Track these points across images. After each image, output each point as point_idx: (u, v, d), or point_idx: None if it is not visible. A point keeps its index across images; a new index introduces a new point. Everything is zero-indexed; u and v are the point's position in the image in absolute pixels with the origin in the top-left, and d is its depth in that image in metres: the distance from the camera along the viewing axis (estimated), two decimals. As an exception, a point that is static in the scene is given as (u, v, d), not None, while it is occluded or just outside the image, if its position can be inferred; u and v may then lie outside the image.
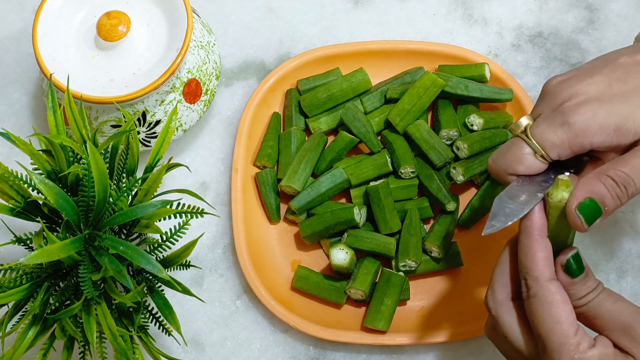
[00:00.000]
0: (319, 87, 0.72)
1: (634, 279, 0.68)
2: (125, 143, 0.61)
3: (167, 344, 0.68)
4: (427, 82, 0.68)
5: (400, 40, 0.75)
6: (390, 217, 0.66)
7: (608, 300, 0.51)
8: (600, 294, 0.51)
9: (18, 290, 0.55)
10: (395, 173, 0.69)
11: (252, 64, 0.77)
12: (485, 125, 0.69)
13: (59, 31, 0.67)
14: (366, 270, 0.66)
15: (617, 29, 0.77)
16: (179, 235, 0.60)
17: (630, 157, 0.50)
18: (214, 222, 0.72)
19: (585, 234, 0.70)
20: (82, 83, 0.65)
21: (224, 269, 0.70)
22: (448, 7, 0.78)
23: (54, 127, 0.59)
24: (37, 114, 0.77)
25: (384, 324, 0.65)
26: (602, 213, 0.49)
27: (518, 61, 0.76)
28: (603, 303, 0.51)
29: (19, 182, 0.57)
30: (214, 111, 0.75)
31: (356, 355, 0.67)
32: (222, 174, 0.73)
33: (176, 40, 0.65)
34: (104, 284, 0.57)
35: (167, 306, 0.59)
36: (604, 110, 0.51)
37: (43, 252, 0.51)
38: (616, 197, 0.50)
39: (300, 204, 0.68)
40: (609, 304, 0.51)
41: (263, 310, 0.69)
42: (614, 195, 0.50)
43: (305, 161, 0.69)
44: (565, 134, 0.51)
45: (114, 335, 0.55)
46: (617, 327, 0.50)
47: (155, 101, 0.67)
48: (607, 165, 0.51)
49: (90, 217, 0.56)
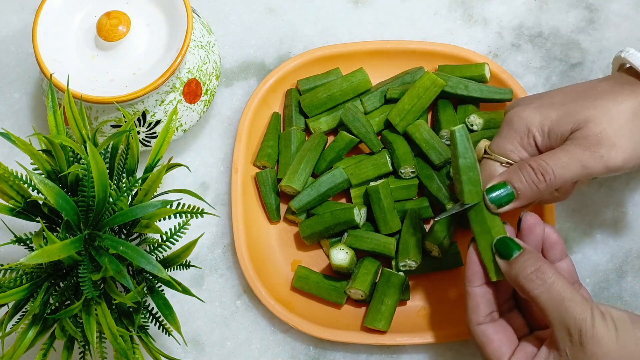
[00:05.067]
0: (319, 87, 0.72)
1: (633, 279, 0.68)
2: (125, 143, 0.61)
3: (167, 344, 0.68)
4: (427, 82, 0.68)
5: (400, 40, 0.75)
6: (390, 217, 0.66)
7: (562, 288, 0.52)
8: (552, 277, 0.53)
9: (18, 290, 0.55)
10: (395, 173, 0.69)
11: (252, 64, 0.77)
12: (485, 125, 0.69)
13: (59, 31, 0.67)
14: (366, 270, 0.66)
15: (617, 29, 0.77)
16: (179, 235, 0.60)
17: (557, 151, 0.56)
18: (214, 222, 0.72)
19: (585, 234, 0.70)
20: (82, 83, 0.65)
21: (224, 269, 0.70)
22: (448, 7, 0.78)
23: (54, 127, 0.59)
24: (37, 114, 0.77)
25: (384, 324, 0.65)
26: (514, 197, 0.55)
27: (518, 61, 0.76)
28: (557, 289, 0.52)
29: (19, 182, 0.57)
30: (214, 111, 0.76)
31: (356, 355, 0.67)
32: (222, 174, 0.73)
33: (176, 40, 0.65)
34: (104, 284, 0.57)
35: (167, 306, 0.59)
36: (538, 114, 0.58)
37: (43, 252, 0.51)
38: (532, 183, 0.55)
39: (300, 204, 0.68)
40: (563, 291, 0.52)
41: (263, 310, 0.69)
42: (528, 181, 0.55)
43: (305, 161, 0.69)
44: (515, 138, 0.58)
45: (114, 335, 0.55)
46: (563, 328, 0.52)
47: (155, 101, 0.67)
48: (535, 157, 0.57)
49: (90, 217, 0.56)
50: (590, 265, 0.69)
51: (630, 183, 0.71)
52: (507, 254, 0.54)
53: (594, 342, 0.50)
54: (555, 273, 0.53)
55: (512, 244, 0.54)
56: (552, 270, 0.53)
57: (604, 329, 0.50)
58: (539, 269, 0.53)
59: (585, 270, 0.69)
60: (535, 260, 0.53)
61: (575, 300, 0.51)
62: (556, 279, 0.52)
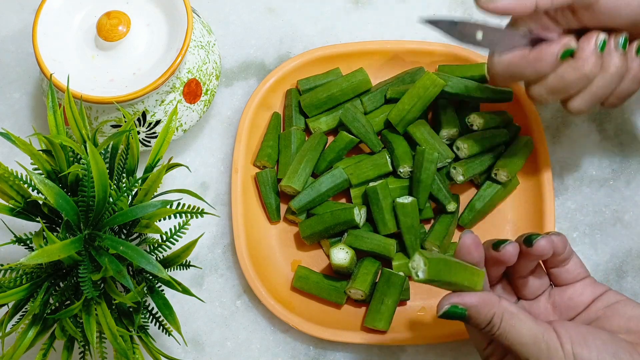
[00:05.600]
0: (319, 87, 0.72)
1: (633, 279, 0.68)
2: (125, 143, 0.61)
3: (167, 344, 0.68)
4: (427, 82, 0.68)
5: (400, 40, 0.75)
6: (389, 217, 0.66)
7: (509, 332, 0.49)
8: (500, 327, 0.49)
9: (18, 290, 0.55)
10: (395, 173, 0.69)
11: (252, 64, 0.77)
12: (485, 125, 0.69)
13: (59, 31, 0.67)
14: (366, 270, 0.66)
15: (617, 29, 0.77)
16: (179, 235, 0.60)
17: None
18: (214, 222, 0.72)
19: (585, 234, 0.70)
20: (82, 83, 0.65)
21: (224, 269, 0.70)
22: (448, 7, 0.78)
23: (54, 127, 0.59)
24: (37, 114, 0.77)
25: (384, 324, 0.65)
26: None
27: (518, 61, 0.76)
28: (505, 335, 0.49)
29: (19, 182, 0.57)
30: (214, 111, 0.76)
31: (356, 355, 0.67)
32: (222, 174, 0.73)
33: (176, 40, 0.65)
34: (104, 284, 0.57)
35: (167, 306, 0.59)
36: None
37: (43, 252, 0.51)
38: None
39: (300, 204, 0.68)
40: (511, 336, 0.49)
41: (263, 310, 0.69)
42: None
43: (305, 161, 0.69)
44: None
45: (114, 335, 0.55)
46: None
47: (155, 101, 0.67)
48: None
49: (90, 217, 0.56)
50: (590, 265, 0.69)
51: (630, 183, 0.71)
52: (460, 319, 0.50)
53: None
54: (506, 318, 0.49)
55: (455, 309, 0.50)
56: (500, 317, 0.49)
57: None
58: (490, 323, 0.49)
59: (585, 270, 0.69)
60: (483, 314, 0.49)
61: (526, 342, 0.48)
62: (506, 324, 0.49)
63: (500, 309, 0.49)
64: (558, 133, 0.73)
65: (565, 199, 0.71)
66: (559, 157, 0.72)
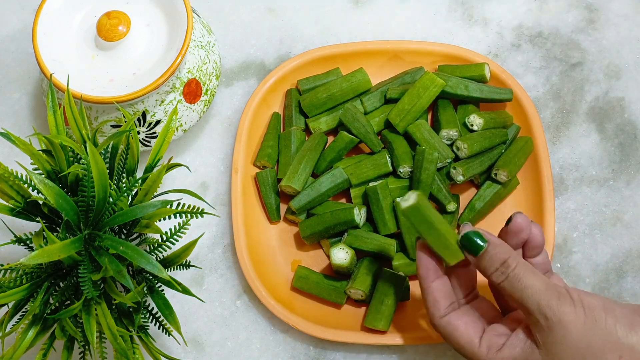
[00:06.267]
0: (319, 87, 0.72)
1: (633, 279, 0.68)
2: (125, 143, 0.61)
3: (167, 344, 0.68)
4: (427, 82, 0.68)
5: (400, 40, 0.75)
6: (389, 217, 0.66)
7: (524, 276, 0.52)
8: (515, 268, 0.53)
9: (18, 290, 0.55)
10: (395, 173, 0.69)
11: (252, 64, 0.77)
12: (485, 125, 0.69)
13: (59, 31, 0.67)
14: (366, 270, 0.66)
15: (617, 29, 0.77)
16: (179, 235, 0.60)
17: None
18: (214, 222, 0.72)
19: (585, 234, 0.70)
20: (82, 83, 0.65)
21: (224, 269, 0.70)
22: (448, 7, 0.78)
23: (54, 127, 0.59)
24: (37, 114, 0.77)
25: (384, 324, 0.65)
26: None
27: (518, 61, 0.76)
28: (519, 278, 0.53)
29: (19, 182, 0.57)
30: (214, 111, 0.76)
31: (356, 355, 0.67)
32: (222, 174, 0.73)
33: (176, 40, 0.65)
34: (104, 284, 0.57)
35: (167, 306, 0.59)
36: None
37: (43, 252, 0.51)
38: None
39: (300, 204, 0.68)
40: (526, 280, 0.52)
41: (263, 310, 0.69)
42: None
43: (305, 161, 0.69)
44: None
45: (114, 335, 0.55)
46: (534, 306, 0.52)
47: (155, 101, 0.67)
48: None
49: (90, 217, 0.56)
50: (590, 265, 0.69)
51: (630, 183, 0.71)
52: (474, 250, 0.54)
53: (560, 327, 0.50)
54: (521, 263, 0.53)
55: (478, 238, 0.54)
56: (516, 261, 0.53)
57: (571, 314, 0.50)
58: (505, 263, 0.53)
59: (585, 270, 0.69)
60: (500, 253, 0.53)
61: (539, 288, 0.52)
62: (521, 269, 0.52)
63: (514, 256, 0.53)
64: (558, 133, 0.73)
65: (565, 199, 0.71)
66: (559, 157, 0.72)
